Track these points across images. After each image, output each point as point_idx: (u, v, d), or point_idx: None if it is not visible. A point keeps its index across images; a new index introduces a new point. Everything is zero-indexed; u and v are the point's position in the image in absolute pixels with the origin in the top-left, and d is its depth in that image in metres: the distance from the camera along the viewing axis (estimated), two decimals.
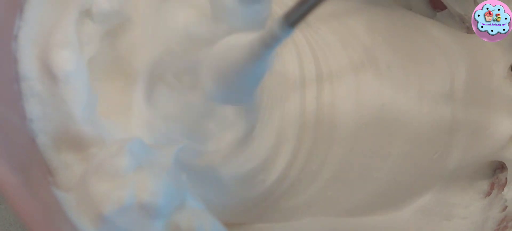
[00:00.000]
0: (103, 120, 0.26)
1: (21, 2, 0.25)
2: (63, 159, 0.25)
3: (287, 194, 0.33)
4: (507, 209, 0.33)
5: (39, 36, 0.25)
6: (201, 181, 0.29)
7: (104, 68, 0.28)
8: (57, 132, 0.25)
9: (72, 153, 0.25)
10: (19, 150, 0.23)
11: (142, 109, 0.28)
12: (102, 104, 0.27)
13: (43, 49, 0.25)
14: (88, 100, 0.25)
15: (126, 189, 0.22)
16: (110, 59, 0.29)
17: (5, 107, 0.23)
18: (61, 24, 0.25)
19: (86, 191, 0.23)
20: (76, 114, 0.25)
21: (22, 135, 0.24)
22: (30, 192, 0.20)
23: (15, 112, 0.24)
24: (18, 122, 0.24)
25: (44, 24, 0.25)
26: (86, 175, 0.23)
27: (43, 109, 0.24)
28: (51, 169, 0.25)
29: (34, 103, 0.24)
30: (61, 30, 0.25)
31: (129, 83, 0.28)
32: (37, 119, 0.24)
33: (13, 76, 0.24)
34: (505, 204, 0.34)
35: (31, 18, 0.25)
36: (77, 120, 0.25)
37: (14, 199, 0.19)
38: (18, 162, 0.21)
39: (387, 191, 0.35)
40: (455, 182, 0.36)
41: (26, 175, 0.21)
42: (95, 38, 0.28)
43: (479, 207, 0.36)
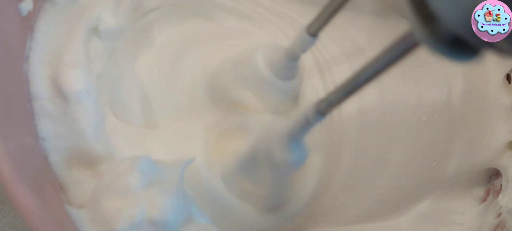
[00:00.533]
0: (112, 136, 0.27)
1: (32, 24, 0.26)
2: (75, 176, 0.26)
3: (303, 211, 0.33)
4: (501, 216, 0.34)
5: (49, 56, 0.26)
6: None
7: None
8: (68, 150, 0.25)
9: (83, 170, 0.26)
10: (34, 169, 0.24)
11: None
12: (110, 120, 0.28)
13: (53, 69, 0.25)
14: (97, 118, 0.26)
15: (137, 207, 0.23)
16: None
17: (19, 128, 0.24)
18: (70, 44, 0.26)
19: (98, 208, 0.24)
20: (86, 132, 0.25)
21: (36, 154, 0.24)
22: (45, 211, 0.21)
23: (28, 132, 0.24)
24: (31, 141, 0.24)
25: (54, 44, 0.26)
26: (98, 192, 0.24)
27: (55, 128, 0.25)
28: (63, 186, 0.25)
29: (46, 122, 0.25)
30: (70, 50, 0.26)
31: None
32: (49, 138, 0.25)
33: (25, 97, 0.25)
34: (500, 211, 0.34)
35: (42, 38, 0.26)
36: (87, 138, 0.25)
37: (31, 220, 0.20)
38: (33, 182, 0.22)
39: (387, 199, 0.35)
40: (452, 188, 0.37)
41: (41, 194, 0.22)
42: (103, 56, 0.28)
43: (475, 213, 0.36)
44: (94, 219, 0.23)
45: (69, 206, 0.24)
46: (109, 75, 0.29)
